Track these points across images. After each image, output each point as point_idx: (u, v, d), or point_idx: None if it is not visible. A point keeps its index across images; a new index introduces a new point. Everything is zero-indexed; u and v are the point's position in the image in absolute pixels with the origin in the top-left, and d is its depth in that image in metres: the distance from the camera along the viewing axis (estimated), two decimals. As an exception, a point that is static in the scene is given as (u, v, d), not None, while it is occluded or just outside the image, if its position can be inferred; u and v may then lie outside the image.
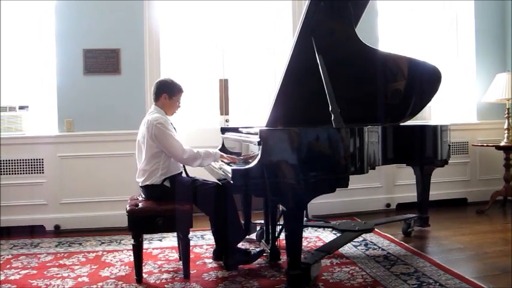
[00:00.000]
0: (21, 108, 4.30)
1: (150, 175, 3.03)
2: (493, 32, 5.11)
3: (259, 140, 2.48)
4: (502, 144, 4.66)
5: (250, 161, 2.92)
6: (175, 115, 3.29)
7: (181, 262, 3.05)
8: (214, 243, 3.30)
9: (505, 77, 4.63)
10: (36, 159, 4.19)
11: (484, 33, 5.09)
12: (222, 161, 3.09)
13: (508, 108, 4.68)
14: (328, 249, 3.05)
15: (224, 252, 3.09)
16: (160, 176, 3.03)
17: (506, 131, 4.67)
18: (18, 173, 4.17)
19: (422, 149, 3.50)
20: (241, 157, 3.22)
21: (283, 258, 3.13)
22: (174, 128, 3.18)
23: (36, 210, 4.18)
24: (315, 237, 3.83)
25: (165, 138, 2.97)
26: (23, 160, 4.17)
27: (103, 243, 3.79)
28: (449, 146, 3.66)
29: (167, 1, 4.61)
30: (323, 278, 2.85)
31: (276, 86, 3.21)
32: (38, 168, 4.20)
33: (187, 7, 4.74)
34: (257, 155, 2.51)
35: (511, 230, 3.92)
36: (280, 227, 3.17)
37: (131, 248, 2.93)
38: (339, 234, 3.56)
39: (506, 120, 4.69)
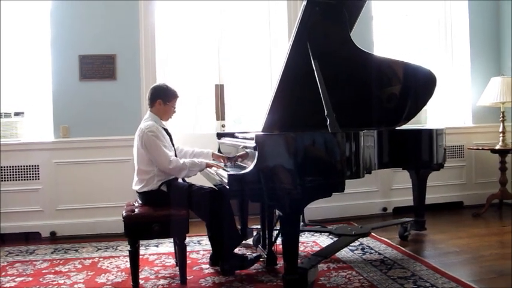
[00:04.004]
0: (16, 114, 4.28)
1: (147, 183, 3.03)
2: (488, 35, 5.14)
3: (255, 145, 2.49)
4: (498, 147, 4.68)
5: (239, 160, 2.93)
6: (170, 120, 3.29)
7: (177, 268, 3.04)
8: (210, 248, 3.29)
9: (499, 81, 4.66)
10: (32, 166, 4.18)
11: (479, 37, 5.11)
12: (210, 167, 3.08)
13: (503, 112, 4.70)
14: (325, 254, 3.05)
15: (221, 257, 3.08)
16: (157, 182, 3.03)
17: (501, 134, 4.68)
18: (13, 180, 4.15)
19: (418, 153, 3.52)
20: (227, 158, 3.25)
21: (280, 263, 3.13)
22: (169, 135, 3.18)
23: (31, 217, 4.16)
24: (311, 242, 3.82)
25: (154, 147, 2.96)
26: (18, 166, 4.16)
27: (99, 249, 3.77)
28: (444, 149, 3.68)
29: (163, 6, 4.62)
30: (320, 282, 2.85)
31: (272, 91, 3.22)
32: (34, 175, 4.18)
33: (183, 12, 4.75)
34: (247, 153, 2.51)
35: (510, 232, 3.92)
36: (277, 232, 3.16)
37: (127, 254, 2.92)
38: (335, 239, 3.56)
39: (502, 124, 4.70)
